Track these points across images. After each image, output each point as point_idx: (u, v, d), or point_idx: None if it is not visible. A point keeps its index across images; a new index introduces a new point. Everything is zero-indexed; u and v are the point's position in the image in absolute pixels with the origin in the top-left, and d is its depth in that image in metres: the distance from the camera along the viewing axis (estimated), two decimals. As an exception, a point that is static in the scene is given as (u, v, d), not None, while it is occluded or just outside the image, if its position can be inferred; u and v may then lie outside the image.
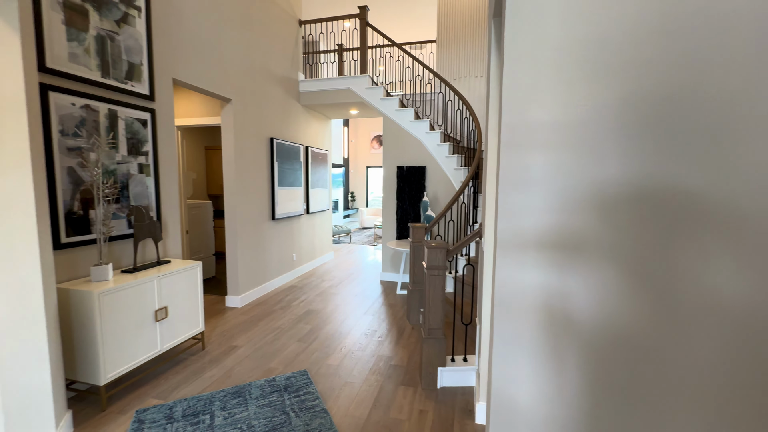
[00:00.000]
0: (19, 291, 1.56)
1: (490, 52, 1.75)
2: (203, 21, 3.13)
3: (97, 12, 2.22)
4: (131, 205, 2.48)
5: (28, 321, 1.59)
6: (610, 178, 0.93)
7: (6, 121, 1.50)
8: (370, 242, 8.08)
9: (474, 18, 5.25)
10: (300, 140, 4.99)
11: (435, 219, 3.36)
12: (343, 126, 11.02)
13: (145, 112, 2.57)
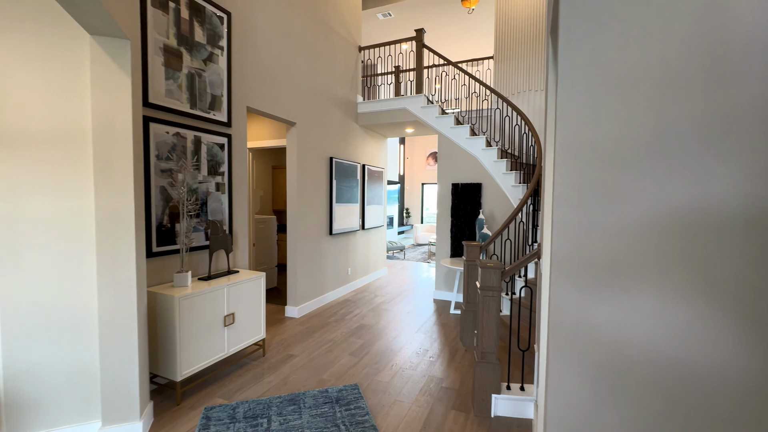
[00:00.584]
0: (119, 291, 1.82)
1: (548, 68, 1.71)
2: (273, 52, 3.47)
3: (189, 53, 2.59)
4: (208, 219, 2.78)
5: (126, 317, 1.84)
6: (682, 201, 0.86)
7: (116, 149, 1.80)
8: (424, 259, 8.02)
9: (533, 31, 5.12)
10: (357, 159, 5.20)
11: (491, 237, 3.26)
12: (399, 144, 11.24)
13: (222, 137, 2.89)
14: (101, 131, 1.77)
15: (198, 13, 2.65)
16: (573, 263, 0.98)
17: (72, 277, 1.79)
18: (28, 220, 1.72)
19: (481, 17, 6.78)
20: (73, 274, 1.79)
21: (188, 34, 2.58)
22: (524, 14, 5.16)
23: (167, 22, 2.42)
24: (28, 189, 1.71)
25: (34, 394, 1.76)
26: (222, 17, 2.86)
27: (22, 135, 1.70)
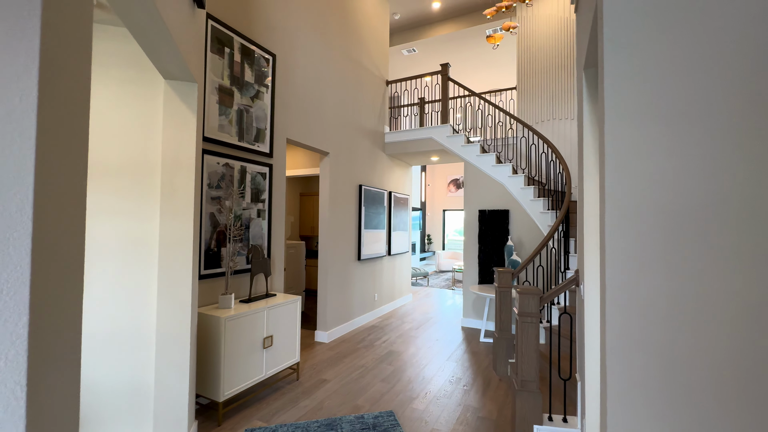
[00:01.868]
0: (176, 311, 1.94)
1: (583, 102, 1.80)
2: (310, 88, 3.73)
3: (240, 92, 2.83)
4: (251, 244, 2.92)
5: (180, 336, 1.95)
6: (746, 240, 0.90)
7: (180, 179, 1.97)
8: (448, 286, 7.94)
9: (554, 62, 5.27)
10: (384, 186, 5.35)
11: (523, 263, 3.26)
12: (421, 171, 11.43)
13: (265, 167, 3.09)
14: (169, 163, 1.96)
15: (248, 56, 2.92)
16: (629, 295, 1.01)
17: (134, 296, 1.93)
18: (99, 243, 1.88)
19: (502, 50, 7.04)
20: (135, 294, 1.93)
21: (239, 75, 2.83)
22: (545, 47, 5.35)
23: (222, 65, 2.69)
24: (101, 214, 1.89)
25: (95, 408, 1.85)
26: (268, 59, 3.13)
27: (101, 166, 1.90)
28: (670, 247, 0.97)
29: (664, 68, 0.96)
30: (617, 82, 1.03)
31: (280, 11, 3.31)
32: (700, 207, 0.94)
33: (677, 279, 0.96)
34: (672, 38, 0.95)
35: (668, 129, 0.96)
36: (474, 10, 6.02)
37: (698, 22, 0.91)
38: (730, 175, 0.91)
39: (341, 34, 4.32)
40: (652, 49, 0.98)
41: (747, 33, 0.88)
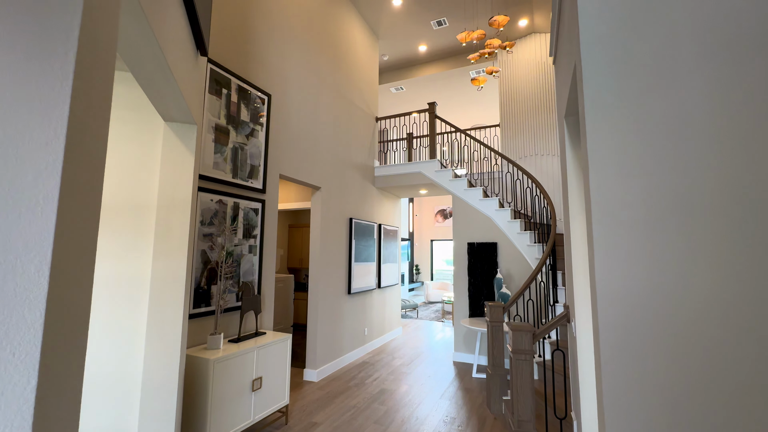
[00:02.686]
0: (165, 353, 1.88)
1: (565, 147, 1.92)
2: (303, 125, 3.84)
3: (235, 130, 2.90)
4: (241, 281, 2.89)
5: (167, 381, 1.87)
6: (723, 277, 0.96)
7: (175, 218, 1.98)
8: (438, 318, 7.86)
9: (534, 103, 5.59)
10: (374, 219, 5.40)
11: (512, 298, 3.30)
12: (409, 202, 11.60)
13: (257, 203, 3.11)
14: (165, 202, 1.97)
15: (245, 96, 3.01)
16: (620, 329, 1.06)
17: (122, 339, 1.86)
18: (96, 279, 1.84)
19: (486, 89, 7.44)
20: (123, 337, 1.87)
21: (235, 114, 2.91)
22: (526, 89, 5.69)
23: (220, 105, 2.76)
24: (97, 254, 1.86)
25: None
26: (264, 98, 3.23)
27: (95, 207, 1.90)
28: (659, 295, 1.02)
29: (641, 128, 1.06)
30: (599, 140, 1.12)
31: (276, 54, 3.47)
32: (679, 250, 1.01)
33: (666, 322, 1.01)
34: (647, 102, 1.06)
35: (647, 182, 1.05)
36: (458, 53, 6.40)
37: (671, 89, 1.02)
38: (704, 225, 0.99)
39: (333, 74, 4.52)
40: (630, 110, 1.08)
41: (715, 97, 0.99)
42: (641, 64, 1.07)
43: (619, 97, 1.10)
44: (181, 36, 1.60)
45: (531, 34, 5.74)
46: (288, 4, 3.69)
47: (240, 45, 3.02)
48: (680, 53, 1.02)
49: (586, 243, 1.78)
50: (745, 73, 0.92)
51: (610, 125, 1.10)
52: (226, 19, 2.88)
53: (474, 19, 5.38)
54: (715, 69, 0.97)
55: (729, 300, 0.95)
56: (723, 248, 0.96)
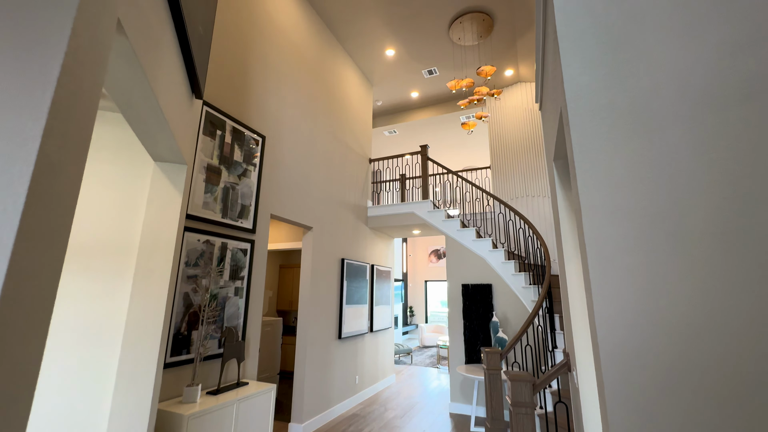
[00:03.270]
0: (134, 410, 1.71)
1: (556, 190, 1.93)
2: (297, 165, 3.87)
3: (228, 170, 2.90)
4: (225, 326, 2.74)
5: (132, 444, 1.69)
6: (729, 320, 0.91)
7: (157, 260, 1.90)
8: (433, 363, 7.51)
9: (524, 146, 5.77)
10: (366, 259, 5.31)
11: (509, 344, 3.16)
12: (402, 242, 11.54)
13: (246, 243, 3.03)
14: (147, 244, 1.90)
15: (239, 137, 3.05)
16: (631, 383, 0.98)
17: (88, 386, 1.71)
18: (59, 329, 1.72)
19: (476, 132, 7.71)
20: (90, 384, 1.71)
21: (228, 155, 2.93)
22: (514, 132, 5.90)
23: (213, 145, 2.78)
24: (66, 298, 1.76)
25: None
26: (258, 140, 3.28)
27: (74, 246, 1.82)
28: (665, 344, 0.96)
29: (630, 173, 1.06)
30: (589, 184, 1.11)
31: (272, 97, 3.57)
32: (682, 294, 0.96)
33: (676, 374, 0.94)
34: (634, 147, 1.06)
35: (640, 225, 1.02)
36: (449, 99, 6.70)
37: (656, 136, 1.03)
38: (703, 265, 0.95)
39: (328, 117, 4.65)
40: (617, 155, 1.08)
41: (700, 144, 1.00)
42: (625, 112, 1.09)
43: (607, 143, 1.10)
44: (175, 79, 1.63)
45: (517, 83, 6.05)
46: (286, 50, 3.87)
47: (237, 88, 3.11)
48: (663, 104, 1.04)
49: (583, 287, 1.73)
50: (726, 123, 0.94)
51: (599, 170, 1.10)
52: (224, 63, 2.98)
53: (463, 68, 5.69)
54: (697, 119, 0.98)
55: (738, 343, 0.89)
56: (726, 289, 0.92)
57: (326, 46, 4.75)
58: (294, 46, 4.02)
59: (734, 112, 0.93)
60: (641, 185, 1.02)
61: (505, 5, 4.41)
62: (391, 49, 5.27)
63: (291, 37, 3.98)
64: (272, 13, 3.68)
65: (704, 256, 0.95)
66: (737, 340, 0.90)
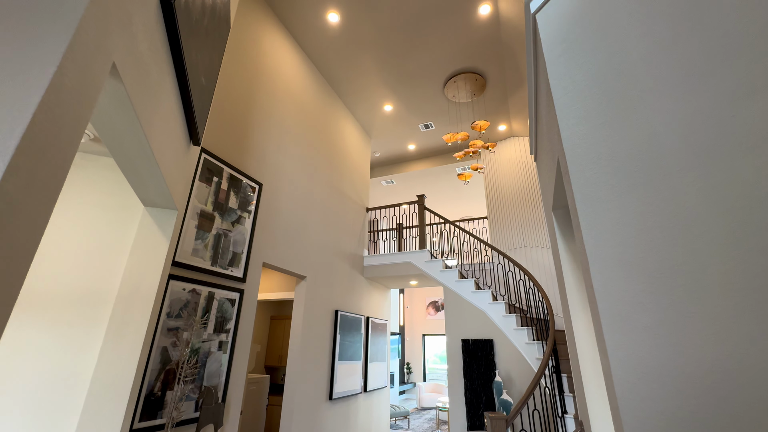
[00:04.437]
0: (83, 493, 1.48)
1: (557, 240, 1.87)
2: (292, 214, 3.83)
3: (221, 217, 2.85)
4: (204, 385, 2.50)
5: None
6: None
7: (134, 312, 1.76)
8: (432, 428, 6.90)
9: (520, 197, 5.83)
10: (362, 311, 5.09)
11: (515, 409, 2.90)
12: (399, 293, 11.23)
13: (235, 293, 2.89)
14: (126, 293, 1.78)
15: (235, 185, 3.04)
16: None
17: (33, 469, 1.48)
18: (16, 386, 1.54)
19: (473, 183, 7.85)
20: (36, 466, 1.49)
21: (224, 202, 2.89)
22: (510, 184, 5.99)
23: (209, 192, 2.76)
24: (27, 352, 1.60)
25: None
26: (255, 187, 3.27)
27: (44, 298, 1.70)
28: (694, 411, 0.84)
29: (637, 222, 1.00)
30: (595, 235, 1.05)
31: (270, 145, 3.64)
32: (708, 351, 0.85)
33: None
34: (639, 195, 1.02)
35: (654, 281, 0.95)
36: (445, 152, 6.90)
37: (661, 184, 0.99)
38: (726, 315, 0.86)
39: (326, 166, 4.72)
40: (622, 204, 1.04)
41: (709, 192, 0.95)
42: (626, 161, 1.06)
43: (610, 192, 1.07)
44: (172, 126, 1.63)
45: (510, 137, 6.28)
46: (287, 102, 4.02)
47: (237, 137, 3.17)
48: (664, 153, 1.02)
49: (593, 347, 1.60)
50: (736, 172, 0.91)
51: (605, 220, 1.05)
52: (225, 112, 3.07)
53: (458, 123, 5.93)
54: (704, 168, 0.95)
55: None
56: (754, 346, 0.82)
57: (327, 100, 4.97)
58: (296, 99, 4.20)
59: (742, 162, 0.90)
60: (652, 236, 0.96)
61: (497, 67, 4.70)
62: (389, 105, 5.52)
63: (293, 90, 4.17)
64: (276, 68, 3.89)
65: (728, 312, 0.86)
66: None
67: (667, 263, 0.92)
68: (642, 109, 1.07)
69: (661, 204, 0.97)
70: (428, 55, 4.51)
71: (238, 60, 3.30)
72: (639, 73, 1.10)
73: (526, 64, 2.01)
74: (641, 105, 1.07)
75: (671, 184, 0.97)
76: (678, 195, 0.96)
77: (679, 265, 0.91)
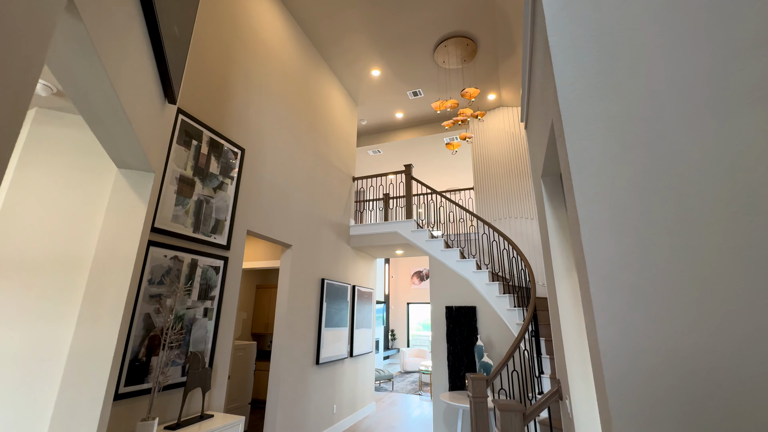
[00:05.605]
0: (69, 455, 1.47)
1: (544, 207, 1.87)
2: (277, 181, 3.73)
3: (202, 183, 2.74)
4: (190, 351, 2.50)
5: (66, 494, 1.44)
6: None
7: (113, 278, 1.70)
8: (415, 390, 7.23)
9: (507, 168, 5.84)
10: (348, 280, 5.13)
11: (495, 370, 3.03)
12: (385, 263, 11.37)
13: (219, 260, 2.84)
14: (102, 258, 1.70)
15: (216, 149, 2.91)
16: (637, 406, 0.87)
17: (22, 422, 1.46)
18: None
19: (461, 153, 7.80)
20: (24, 420, 1.47)
21: (204, 167, 2.77)
22: (497, 155, 5.97)
23: (188, 156, 2.63)
24: (5, 318, 1.53)
25: None
26: (237, 152, 3.14)
27: (15, 261, 1.61)
28: (681, 368, 0.87)
29: (631, 184, 0.99)
30: (588, 198, 1.04)
31: (253, 110, 3.47)
32: (693, 311, 0.88)
33: (696, 398, 0.84)
34: (634, 157, 1.00)
35: (645, 240, 0.95)
36: (433, 120, 6.78)
37: (657, 144, 0.98)
38: (713, 280, 0.87)
39: (311, 133, 4.57)
40: (617, 166, 1.02)
41: (705, 151, 0.94)
42: (624, 120, 1.03)
43: (604, 153, 1.04)
44: (143, 80, 1.50)
45: (499, 107, 6.19)
46: (269, 64, 3.81)
47: (216, 99, 3.00)
48: (661, 111, 0.99)
49: (576, 311, 1.65)
50: (735, 129, 0.89)
51: (598, 181, 1.03)
52: (203, 73, 2.88)
53: (447, 91, 5.78)
54: (702, 126, 0.94)
55: (754, 363, 0.81)
56: (743, 308, 0.84)
57: (311, 62, 4.73)
58: (278, 61, 3.97)
59: (742, 118, 0.88)
60: (644, 197, 0.95)
61: (488, 31, 4.54)
62: (377, 69, 5.31)
63: (275, 51, 3.94)
64: (256, 27, 3.64)
65: (718, 273, 0.88)
66: (759, 363, 0.82)
67: (657, 224, 0.92)
68: (644, 66, 1.03)
69: (655, 165, 0.95)
70: (419, 15, 4.29)
71: (214, 15, 3.06)
72: (643, 27, 1.05)
73: (523, 22, 1.92)
74: (643, 62, 1.03)
75: (668, 144, 0.95)
76: (674, 155, 0.94)
77: (669, 225, 0.91)
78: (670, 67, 0.99)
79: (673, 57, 0.99)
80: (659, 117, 0.97)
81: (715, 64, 0.94)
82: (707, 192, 0.89)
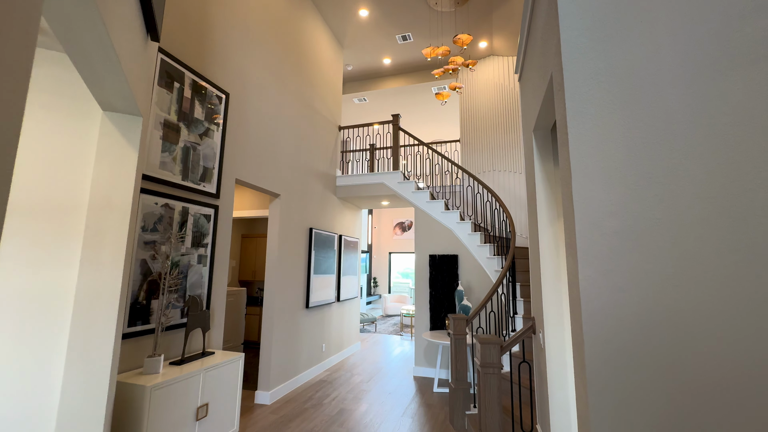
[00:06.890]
0: (89, 384, 1.58)
1: (534, 160, 1.95)
2: (263, 129, 3.63)
3: (187, 128, 2.65)
4: (188, 295, 2.59)
5: (92, 416, 1.57)
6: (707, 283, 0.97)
7: (111, 223, 1.71)
8: (396, 331, 7.77)
9: (494, 121, 5.84)
10: (335, 229, 5.23)
11: (475, 310, 3.30)
12: (368, 214, 11.53)
13: (210, 208, 2.84)
14: (98, 204, 1.69)
15: (199, 93, 2.78)
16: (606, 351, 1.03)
17: (32, 363, 1.55)
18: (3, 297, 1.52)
19: (448, 104, 7.66)
20: (35, 360, 1.55)
21: (188, 111, 2.66)
22: (485, 107, 5.92)
23: (170, 99, 2.51)
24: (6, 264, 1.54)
25: None
26: (221, 97, 3.01)
27: (11, 205, 1.58)
28: (649, 308, 1.01)
29: (625, 136, 1.07)
30: (582, 149, 1.11)
31: (236, 52, 3.26)
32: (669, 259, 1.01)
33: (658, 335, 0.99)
34: (631, 111, 1.06)
35: (632, 191, 1.05)
36: (422, 68, 6.54)
37: (654, 100, 1.04)
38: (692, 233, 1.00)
39: (296, 78, 4.37)
40: (613, 119, 1.08)
41: (700, 109, 1.01)
42: (624, 75, 1.08)
43: (602, 107, 1.10)
44: (127, 13, 1.40)
45: (490, 56, 6.02)
46: (251, 2, 3.52)
47: (197, 38, 2.80)
48: (662, 68, 1.04)
49: (556, 255, 1.80)
50: (729, 87, 0.96)
51: (593, 134, 1.10)
52: (183, 10, 2.65)
53: (438, 37, 5.53)
54: (698, 83, 1.00)
55: (724, 308, 0.96)
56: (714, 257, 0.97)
57: None
58: (260, -5, 3.66)
59: (739, 76, 0.95)
60: (635, 150, 1.03)
61: (485, -29, 4.27)
62: (365, 9, 4.98)
63: (257, -16, 3.61)
64: (236, -46, 3.29)
65: (695, 220, 0.99)
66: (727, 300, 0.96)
67: (645, 175, 1.01)
68: (650, 21, 1.05)
69: (649, 120, 1.02)
70: (412, -52, 3.96)
71: (188, -65, 2.74)
72: (652, -19, 1.06)
73: (528, -34, 1.85)
74: (649, 17, 1.06)
75: (663, 100, 1.02)
76: (668, 111, 1.01)
77: (656, 177, 1.01)
78: (675, 22, 1.02)
79: (679, 13, 1.02)
80: (659, 73, 1.03)
81: (719, 21, 0.98)
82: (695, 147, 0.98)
